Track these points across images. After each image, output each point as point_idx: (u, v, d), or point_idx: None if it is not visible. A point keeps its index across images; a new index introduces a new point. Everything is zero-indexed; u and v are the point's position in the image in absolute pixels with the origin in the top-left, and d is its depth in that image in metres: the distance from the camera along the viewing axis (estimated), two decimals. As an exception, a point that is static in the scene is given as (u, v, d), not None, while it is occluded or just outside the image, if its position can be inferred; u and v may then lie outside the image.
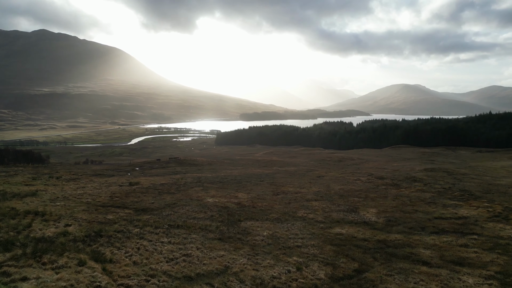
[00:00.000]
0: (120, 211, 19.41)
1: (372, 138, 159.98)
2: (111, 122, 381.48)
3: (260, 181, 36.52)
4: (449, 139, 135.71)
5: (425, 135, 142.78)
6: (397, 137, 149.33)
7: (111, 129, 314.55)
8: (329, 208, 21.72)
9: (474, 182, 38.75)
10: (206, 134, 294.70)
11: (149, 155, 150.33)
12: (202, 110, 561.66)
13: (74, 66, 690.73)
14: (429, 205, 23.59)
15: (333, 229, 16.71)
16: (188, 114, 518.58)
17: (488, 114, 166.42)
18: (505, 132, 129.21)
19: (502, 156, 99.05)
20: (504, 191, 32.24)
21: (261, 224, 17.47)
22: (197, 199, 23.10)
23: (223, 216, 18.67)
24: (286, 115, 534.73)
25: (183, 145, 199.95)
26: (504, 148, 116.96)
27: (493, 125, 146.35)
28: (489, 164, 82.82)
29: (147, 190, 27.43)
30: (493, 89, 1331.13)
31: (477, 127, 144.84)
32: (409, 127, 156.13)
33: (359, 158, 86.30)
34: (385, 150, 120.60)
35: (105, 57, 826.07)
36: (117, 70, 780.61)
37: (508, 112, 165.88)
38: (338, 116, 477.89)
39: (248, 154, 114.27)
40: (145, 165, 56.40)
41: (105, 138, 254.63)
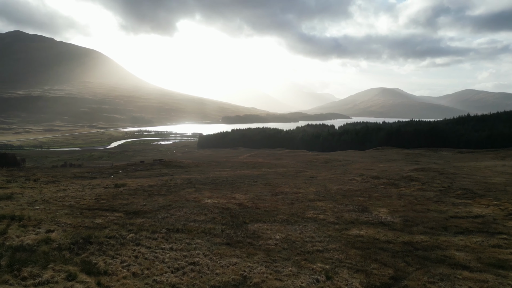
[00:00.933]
0: (109, 215, 17.29)
1: (355, 140, 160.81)
2: (90, 125, 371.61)
3: (254, 182, 34.79)
4: (431, 140, 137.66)
5: (407, 136, 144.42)
6: (380, 138, 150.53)
7: (90, 133, 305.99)
8: (337, 208, 20.21)
9: (469, 181, 38.21)
10: (188, 137, 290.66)
11: (129, 158, 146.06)
12: (183, 113, 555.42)
13: (51, 68, 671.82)
14: (438, 204, 22.49)
15: (350, 231, 15.17)
16: (169, 117, 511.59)
17: (467, 116, 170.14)
18: (484, 133, 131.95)
19: (484, 156, 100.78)
20: (503, 189, 31.63)
21: (270, 226, 15.74)
22: (194, 201, 21.15)
23: (226, 218, 16.84)
24: (268, 118, 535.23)
25: (165, 149, 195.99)
26: (484, 149, 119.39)
27: (472, 127, 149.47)
28: (473, 165, 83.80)
29: (136, 192, 25.24)
30: (467, 92, 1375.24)
31: (456, 129, 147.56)
32: (392, 129, 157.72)
33: (344, 160, 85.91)
34: (369, 151, 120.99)
35: (82, 59, 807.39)
36: (96, 73, 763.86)
37: (486, 114, 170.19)
38: (319, 119, 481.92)
39: (232, 157, 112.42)
40: (128, 168, 53.73)
41: (83, 141, 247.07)
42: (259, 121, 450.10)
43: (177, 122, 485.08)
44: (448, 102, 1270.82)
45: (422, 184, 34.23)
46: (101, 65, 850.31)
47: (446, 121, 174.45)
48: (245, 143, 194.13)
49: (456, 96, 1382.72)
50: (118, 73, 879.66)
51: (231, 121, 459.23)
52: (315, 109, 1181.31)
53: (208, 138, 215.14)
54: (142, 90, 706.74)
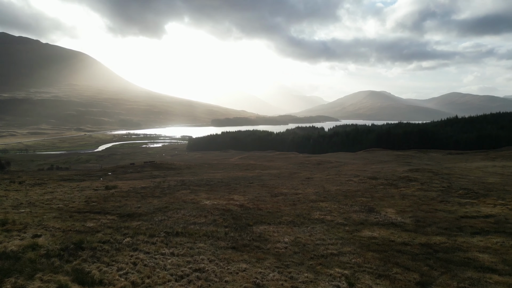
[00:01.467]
0: (101, 218, 16.04)
1: (346, 142, 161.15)
2: (76, 128, 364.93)
3: (250, 183, 33.72)
4: (420, 142, 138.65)
5: (397, 138, 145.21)
6: (370, 140, 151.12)
7: (77, 136, 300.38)
8: (343, 209, 19.32)
9: (466, 181, 37.83)
10: (177, 140, 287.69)
11: (117, 161, 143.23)
12: (172, 116, 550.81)
13: (36, 70, 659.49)
14: (444, 203, 21.81)
15: (362, 232, 14.25)
16: (157, 120, 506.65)
17: (455, 118, 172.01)
18: (473, 135, 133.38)
19: (473, 157, 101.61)
20: (502, 189, 31.24)
21: (276, 228, 14.73)
22: (192, 202, 20.00)
23: (228, 220, 15.77)
24: (258, 120, 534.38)
25: (154, 152, 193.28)
26: (472, 150, 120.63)
27: (460, 128, 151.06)
28: (464, 165, 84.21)
29: (128, 194, 23.95)
30: (453, 95, 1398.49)
31: (445, 130, 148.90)
32: (382, 130, 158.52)
33: (336, 161, 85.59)
34: (360, 153, 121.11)
35: (69, 62, 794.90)
36: (82, 75, 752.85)
37: (473, 116, 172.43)
38: (309, 122, 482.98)
39: (223, 159, 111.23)
40: (118, 170, 52.09)
41: (70, 145, 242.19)
42: (249, 124, 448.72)
43: (166, 125, 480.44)
44: (434, 104, 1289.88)
45: (421, 184, 33.67)
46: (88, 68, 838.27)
47: (434, 123, 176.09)
48: (235, 145, 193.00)
49: (442, 99, 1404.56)
50: (105, 75, 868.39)
51: (221, 124, 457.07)
52: (304, 111, 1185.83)
53: (198, 140, 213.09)
54: (130, 92, 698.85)
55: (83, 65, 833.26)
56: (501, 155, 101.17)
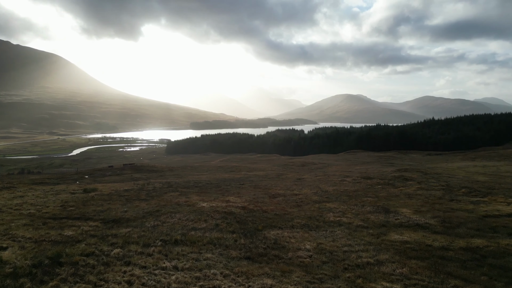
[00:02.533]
0: (82, 224, 13.56)
1: (327, 144, 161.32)
2: (49, 132, 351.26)
3: (241, 185, 31.60)
4: (400, 143, 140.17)
5: (377, 140, 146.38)
6: (351, 142, 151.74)
7: (50, 140, 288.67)
8: (354, 209, 17.51)
9: (459, 180, 36.99)
10: (155, 143, 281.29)
11: (93, 166, 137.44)
12: (149, 119, 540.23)
13: (6, 72, 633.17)
14: (455, 202, 20.44)
15: (389, 236, 12.44)
16: (134, 123, 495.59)
17: (432, 120, 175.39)
18: (450, 136, 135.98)
19: (453, 158, 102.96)
20: (499, 187, 30.44)
21: (291, 233, 12.72)
22: (187, 205, 17.67)
23: (233, 225, 13.61)
24: (237, 123, 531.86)
25: (131, 155, 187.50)
26: (451, 150, 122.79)
27: (438, 130, 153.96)
28: (445, 166, 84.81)
29: (110, 197, 21.35)
30: (426, 99, 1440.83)
31: (423, 132, 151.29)
32: (362, 132, 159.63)
33: (320, 163, 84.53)
34: (341, 154, 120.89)
35: (41, 63, 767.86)
36: (55, 77, 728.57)
37: (449, 118, 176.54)
38: (288, 125, 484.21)
39: (204, 162, 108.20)
40: (95, 173, 48.74)
41: (42, 149, 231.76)
42: (228, 127, 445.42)
43: (144, 128, 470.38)
44: (408, 108, 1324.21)
45: (418, 183, 32.53)
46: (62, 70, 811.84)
47: (413, 124, 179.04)
48: (215, 148, 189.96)
49: (416, 102, 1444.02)
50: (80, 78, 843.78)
51: (200, 127, 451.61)
52: (283, 115, 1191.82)
53: (176, 144, 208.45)
54: (106, 95, 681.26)
55: (56, 67, 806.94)
56: (479, 155, 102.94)
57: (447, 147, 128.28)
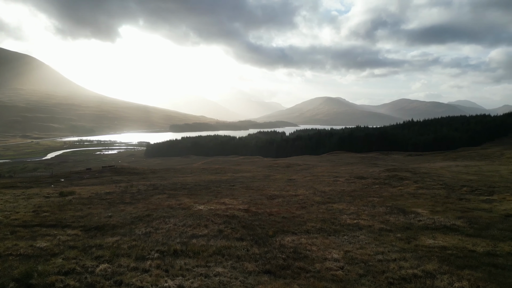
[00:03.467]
0: (58, 233, 11.36)
1: (309, 146, 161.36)
2: (22, 135, 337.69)
3: (232, 186, 29.65)
4: (381, 144, 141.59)
5: (359, 141, 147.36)
6: (333, 143, 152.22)
7: (23, 143, 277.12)
8: (367, 211, 15.91)
9: (452, 179, 36.30)
10: (134, 146, 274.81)
11: (69, 169, 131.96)
12: (127, 121, 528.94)
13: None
14: (466, 201, 19.21)
15: (421, 240, 10.85)
16: (112, 126, 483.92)
17: (411, 121, 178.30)
18: (430, 137, 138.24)
19: (434, 158, 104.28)
20: (498, 185, 29.73)
21: (309, 239, 10.93)
22: (181, 208, 15.59)
23: (239, 231, 11.70)
24: (218, 126, 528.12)
25: (109, 158, 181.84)
26: (430, 151, 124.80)
27: (417, 131, 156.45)
28: (428, 166, 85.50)
29: (90, 200, 19.00)
30: (403, 101, 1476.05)
31: (403, 133, 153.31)
32: (344, 134, 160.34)
33: (304, 164, 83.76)
34: (324, 156, 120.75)
35: (13, 64, 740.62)
36: (29, 79, 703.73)
37: (428, 119, 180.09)
38: (269, 127, 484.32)
39: (186, 165, 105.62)
40: (72, 176, 45.63)
41: (15, 153, 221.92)
42: (209, 129, 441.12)
43: (122, 131, 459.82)
44: (386, 110, 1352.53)
45: (415, 182, 31.50)
46: (35, 71, 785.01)
47: (393, 126, 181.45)
48: (197, 151, 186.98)
49: (393, 105, 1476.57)
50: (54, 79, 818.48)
51: (180, 130, 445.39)
52: (264, 117, 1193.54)
53: (156, 146, 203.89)
54: (82, 97, 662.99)
55: (30, 68, 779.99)
56: (460, 155, 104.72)
57: (427, 147, 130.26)
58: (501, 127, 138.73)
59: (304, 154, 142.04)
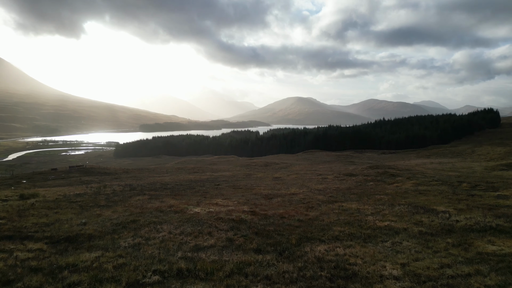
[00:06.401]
0: (16, 248, 8.53)
1: (284, 144, 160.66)
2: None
3: (217, 185, 27.13)
4: (355, 143, 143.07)
5: (333, 140, 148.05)
6: (308, 142, 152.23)
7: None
8: (387, 210, 13.88)
9: (441, 175, 35.50)
10: (102, 146, 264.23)
11: (32, 171, 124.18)
12: (95, 121, 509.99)
13: None
14: (481, 197, 17.76)
15: (480, 247, 8.88)
16: (78, 126, 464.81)
17: (383, 120, 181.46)
18: (401, 135, 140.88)
19: (408, 156, 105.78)
20: (495, 181, 28.99)
21: (345, 248, 8.68)
22: (173, 211, 12.92)
23: (254, 239, 9.31)
24: (190, 125, 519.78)
25: (76, 159, 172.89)
26: (403, 149, 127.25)
27: (389, 130, 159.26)
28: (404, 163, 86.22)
29: (58, 204, 15.95)
30: (371, 102, 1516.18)
31: (376, 132, 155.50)
32: (318, 132, 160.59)
33: (282, 162, 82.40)
34: (300, 154, 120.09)
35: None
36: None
37: (399, 118, 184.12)
38: (242, 127, 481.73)
39: (159, 165, 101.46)
40: (35, 177, 41.38)
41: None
42: (181, 129, 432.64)
43: (89, 131, 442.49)
44: (355, 110, 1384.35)
45: (408, 179, 30.19)
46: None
47: (365, 125, 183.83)
48: (169, 151, 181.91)
49: (362, 105, 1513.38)
50: (15, 77, 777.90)
51: (150, 129, 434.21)
52: (236, 117, 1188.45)
53: (126, 146, 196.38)
54: (46, 96, 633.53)
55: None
56: (432, 153, 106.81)
57: (399, 145, 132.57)
58: (467, 126, 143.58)
59: (279, 153, 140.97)
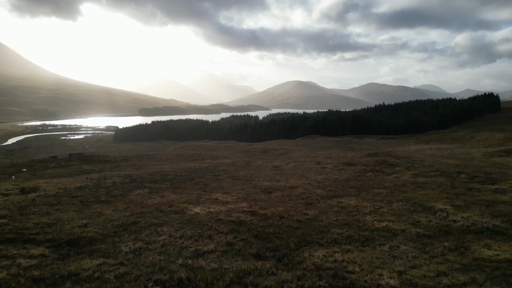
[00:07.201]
0: (18, 253, 8.63)
1: (283, 130, 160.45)
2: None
3: (216, 176, 27.25)
4: (354, 128, 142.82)
5: (333, 125, 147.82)
6: (307, 128, 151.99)
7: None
8: (386, 208, 13.95)
9: (440, 164, 35.56)
10: (102, 131, 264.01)
11: (32, 156, 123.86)
12: (94, 105, 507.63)
13: None
14: (479, 191, 17.84)
15: (476, 252, 8.84)
16: (77, 110, 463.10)
17: (383, 105, 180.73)
18: (401, 120, 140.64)
19: (407, 141, 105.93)
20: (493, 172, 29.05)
21: (344, 254, 8.77)
22: (174, 211, 13.01)
23: (253, 243, 9.42)
24: (189, 110, 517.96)
25: (75, 144, 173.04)
26: (402, 134, 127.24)
27: (389, 115, 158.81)
28: (403, 149, 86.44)
29: (58, 199, 16.05)
30: (371, 85, 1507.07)
31: (376, 117, 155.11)
32: (318, 117, 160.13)
33: (282, 148, 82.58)
34: (299, 140, 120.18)
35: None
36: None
37: (399, 103, 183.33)
38: (241, 111, 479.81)
39: (158, 150, 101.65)
40: (35, 165, 41.47)
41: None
42: (180, 113, 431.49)
43: (88, 115, 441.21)
44: (355, 94, 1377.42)
45: (407, 169, 30.29)
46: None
47: (365, 110, 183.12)
48: (168, 135, 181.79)
49: (362, 89, 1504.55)
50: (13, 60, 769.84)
51: (149, 113, 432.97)
52: (236, 101, 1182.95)
53: (125, 131, 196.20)
54: (44, 79, 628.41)
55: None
56: (432, 138, 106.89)
57: (399, 131, 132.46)
58: (467, 111, 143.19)
59: (278, 138, 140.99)
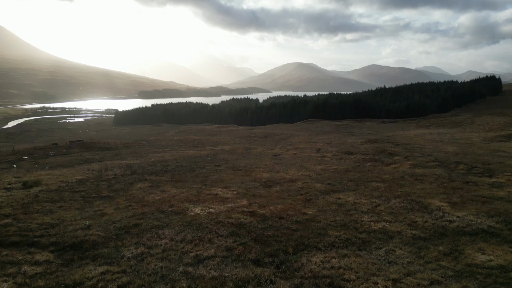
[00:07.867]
0: (23, 259, 8.84)
1: (283, 113, 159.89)
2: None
3: (216, 166, 27.45)
4: (355, 111, 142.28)
5: (333, 108, 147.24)
6: (308, 111, 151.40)
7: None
8: (383, 206, 14.12)
9: (439, 153, 35.69)
10: (101, 114, 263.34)
11: (33, 139, 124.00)
12: (93, 88, 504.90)
13: None
14: (476, 186, 17.93)
15: (470, 257, 9.04)
16: (77, 93, 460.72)
17: (384, 88, 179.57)
18: (402, 104, 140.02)
19: (407, 125, 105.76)
20: (492, 162, 29.21)
21: (340, 259, 8.96)
22: (175, 212, 13.14)
23: (252, 248, 9.63)
24: (189, 92, 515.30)
25: (75, 127, 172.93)
26: (403, 118, 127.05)
27: (390, 98, 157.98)
28: (403, 134, 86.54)
29: (61, 194, 16.26)
30: (373, 67, 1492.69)
31: (376, 100, 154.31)
32: (319, 101, 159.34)
33: (282, 133, 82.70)
34: (299, 124, 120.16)
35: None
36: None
37: (400, 86, 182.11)
38: (241, 94, 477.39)
39: (158, 134, 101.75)
40: (37, 152, 41.67)
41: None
42: (180, 96, 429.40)
43: (87, 98, 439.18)
44: (356, 76, 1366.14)
45: (405, 158, 30.45)
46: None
47: (366, 93, 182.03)
48: (168, 119, 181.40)
49: (363, 70, 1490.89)
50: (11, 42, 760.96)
51: (149, 96, 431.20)
52: (236, 83, 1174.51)
53: (125, 114, 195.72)
54: (42, 62, 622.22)
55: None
56: (432, 122, 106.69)
57: (399, 114, 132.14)
58: (469, 94, 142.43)
59: (279, 122, 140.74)
